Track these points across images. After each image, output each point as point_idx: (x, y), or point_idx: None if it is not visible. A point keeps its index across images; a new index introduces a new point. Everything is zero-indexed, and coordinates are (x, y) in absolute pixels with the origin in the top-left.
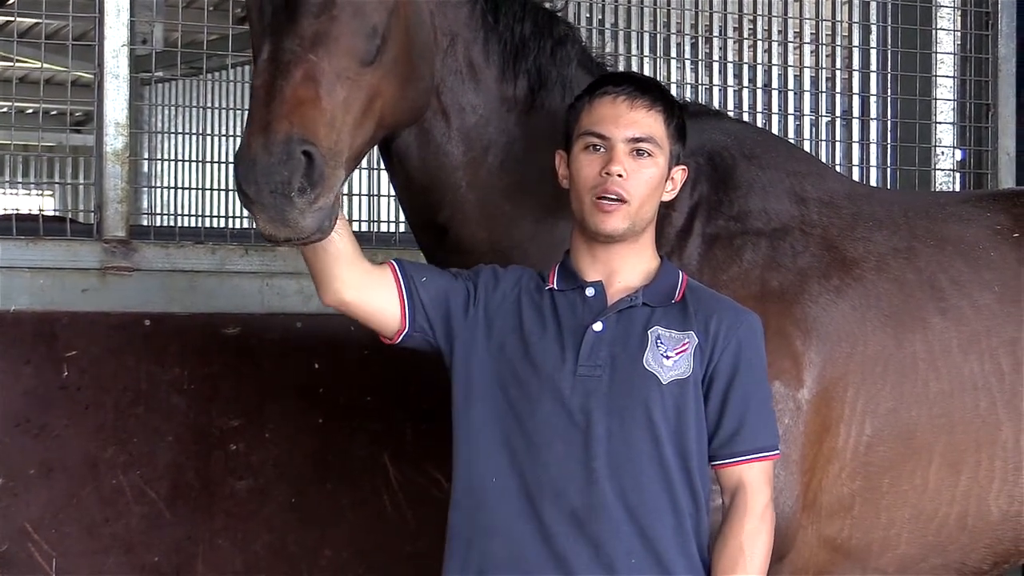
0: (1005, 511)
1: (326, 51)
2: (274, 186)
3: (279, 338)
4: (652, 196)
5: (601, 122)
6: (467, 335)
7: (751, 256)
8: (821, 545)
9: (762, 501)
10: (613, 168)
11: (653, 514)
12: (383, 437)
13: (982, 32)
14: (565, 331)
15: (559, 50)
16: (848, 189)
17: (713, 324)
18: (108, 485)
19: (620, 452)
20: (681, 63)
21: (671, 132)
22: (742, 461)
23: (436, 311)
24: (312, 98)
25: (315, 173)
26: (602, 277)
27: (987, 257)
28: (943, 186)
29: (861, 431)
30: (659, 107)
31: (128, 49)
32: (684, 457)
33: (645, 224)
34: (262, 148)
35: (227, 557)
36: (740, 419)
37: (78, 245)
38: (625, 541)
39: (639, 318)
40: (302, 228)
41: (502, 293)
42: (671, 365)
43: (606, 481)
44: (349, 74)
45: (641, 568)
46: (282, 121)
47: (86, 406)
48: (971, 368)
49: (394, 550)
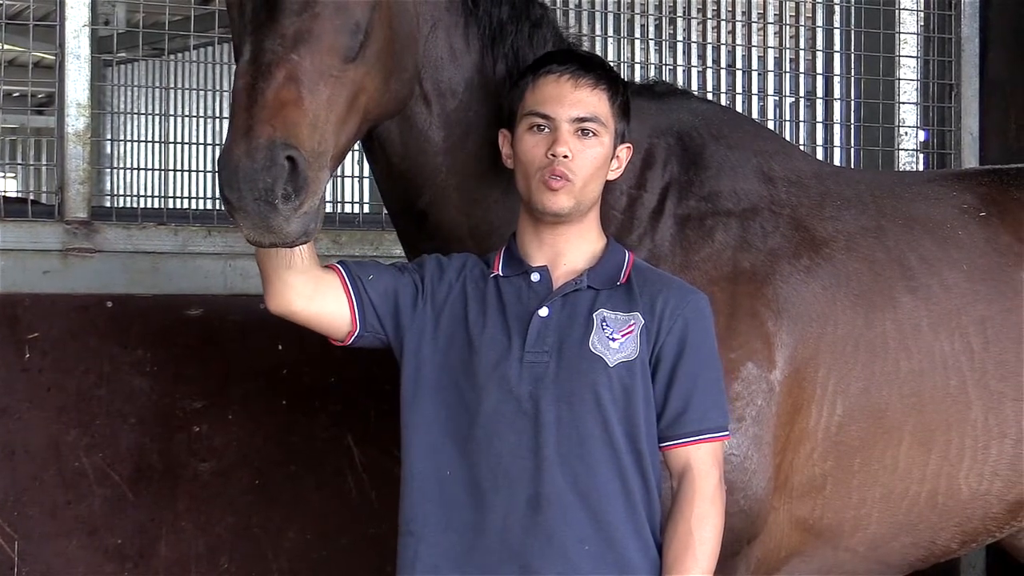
0: (975, 489)
1: (308, 50)
2: (257, 193)
3: (242, 319)
4: (597, 175)
5: (545, 102)
6: (416, 330)
7: (722, 237)
8: (793, 526)
9: (711, 483)
10: (559, 149)
11: (605, 499)
12: (347, 418)
13: (945, 12)
14: (511, 318)
15: (536, 33)
16: (815, 168)
17: (659, 305)
18: (71, 467)
19: (570, 438)
20: (645, 43)
21: (615, 111)
22: (689, 442)
23: (385, 309)
24: (294, 100)
25: (299, 179)
26: (548, 260)
27: (955, 236)
28: (906, 166)
29: (832, 411)
30: (603, 86)
31: (90, 30)
32: (634, 439)
33: (590, 204)
34: (244, 154)
35: (190, 539)
36: (686, 400)
37: (40, 226)
38: (577, 528)
39: (584, 301)
40: (287, 234)
41: (448, 284)
42: (617, 347)
43: (557, 468)
44: (332, 72)
45: (594, 555)
46: (264, 125)
47: (48, 388)
48: (941, 347)
49: (358, 532)
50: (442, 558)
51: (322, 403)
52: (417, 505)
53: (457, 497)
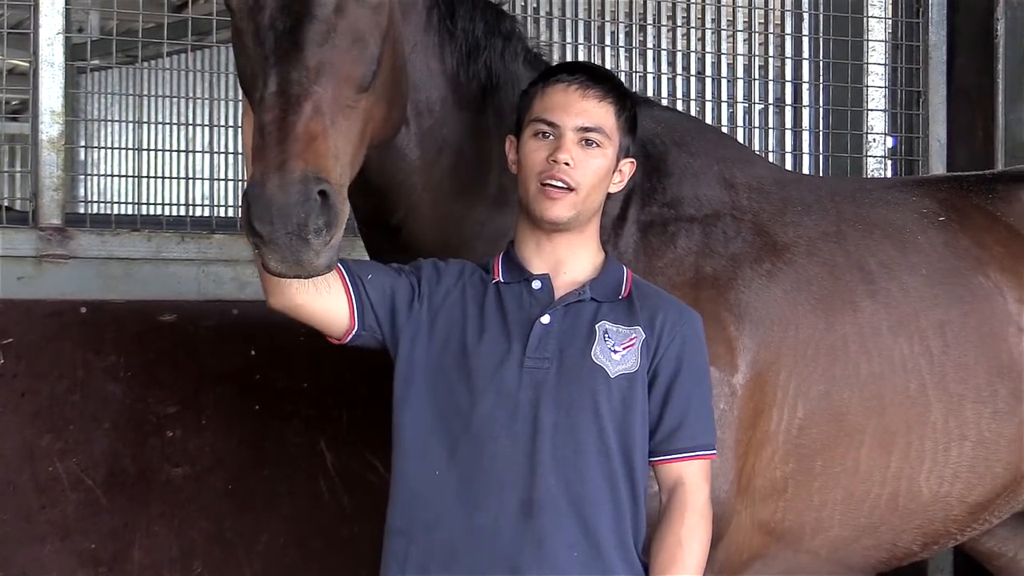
0: (935, 491)
1: (330, 81)
2: (291, 227)
3: (215, 325)
4: (598, 186)
5: (552, 109)
6: (411, 331)
7: (685, 243)
8: (755, 528)
9: (701, 498)
10: (560, 156)
11: (594, 506)
12: (319, 423)
13: (913, 20)
14: (511, 324)
15: (507, 47)
16: (777, 175)
17: (659, 320)
18: (44, 472)
19: (566, 444)
20: (616, 51)
21: (621, 124)
22: (682, 458)
23: (383, 308)
24: (322, 132)
25: (330, 212)
26: (549, 268)
27: (914, 240)
28: (875, 172)
29: (793, 414)
30: (611, 98)
31: (63, 37)
32: (627, 451)
33: (590, 215)
34: (278, 188)
35: (164, 544)
36: (681, 416)
37: (13, 233)
38: (567, 533)
39: (586, 312)
40: (316, 268)
41: (445, 288)
42: (619, 359)
43: (551, 474)
44: (348, 103)
45: (582, 561)
46: (297, 160)
47: (22, 393)
48: (901, 350)
49: (331, 535)
50: (431, 559)
51: (295, 408)
52: (407, 505)
53: (448, 498)
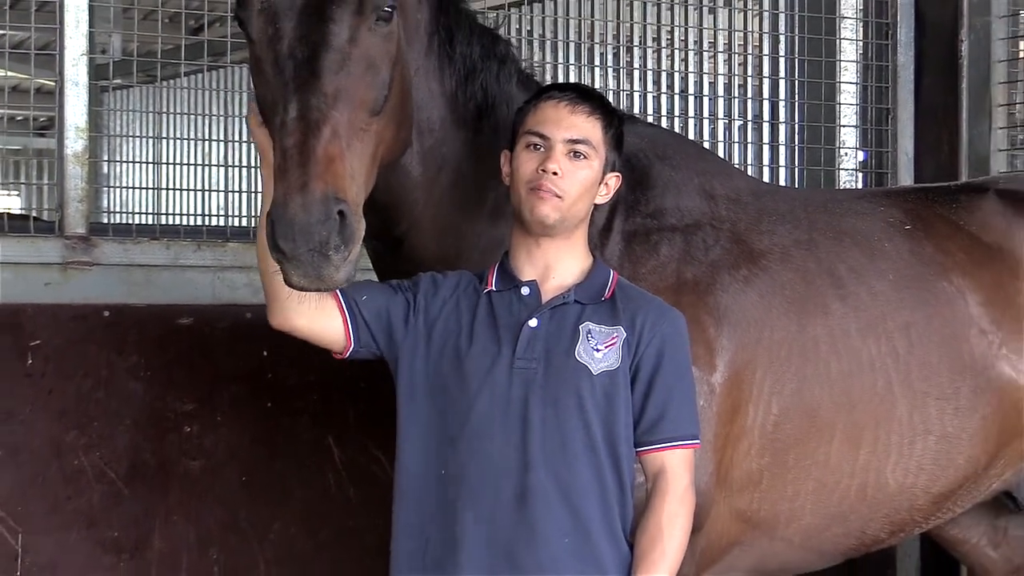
0: (901, 483)
1: (346, 106)
2: (313, 244)
3: (229, 327)
4: (584, 196)
5: (543, 123)
6: (409, 343)
7: (667, 250)
8: (733, 517)
9: (682, 484)
10: (549, 166)
11: (583, 495)
12: (327, 419)
13: (882, 42)
14: (501, 328)
15: (502, 70)
16: (753, 186)
17: (639, 320)
18: (71, 465)
19: (554, 438)
20: (604, 71)
21: (608, 139)
22: (664, 448)
23: (378, 326)
24: (339, 155)
25: (347, 230)
26: (537, 274)
27: (882, 248)
28: (847, 185)
29: (768, 411)
30: (598, 115)
31: (87, 58)
32: (612, 443)
33: (576, 221)
34: (301, 208)
35: (182, 532)
36: (663, 408)
37: (41, 241)
38: (559, 522)
39: (571, 314)
40: (335, 282)
41: (442, 299)
42: (601, 357)
43: (541, 466)
44: (362, 126)
45: (573, 547)
46: (318, 181)
47: (49, 391)
48: (869, 350)
49: (338, 524)
50: (438, 551)
51: (304, 405)
52: (413, 501)
53: (449, 493)
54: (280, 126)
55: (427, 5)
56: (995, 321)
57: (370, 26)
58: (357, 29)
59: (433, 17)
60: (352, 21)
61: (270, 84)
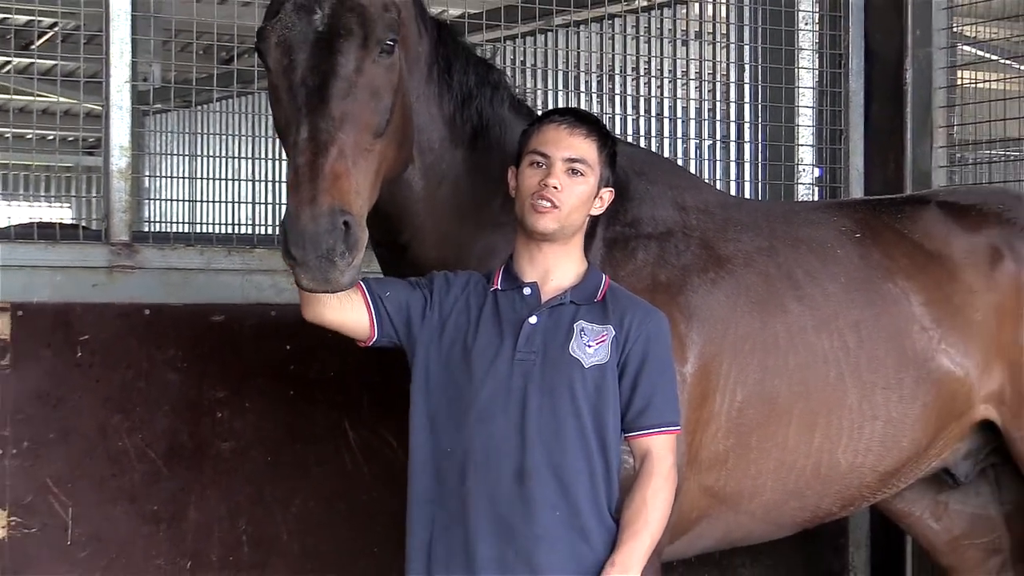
0: (851, 462)
1: (352, 128)
2: (320, 252)
3: (257, 324)
4: (580, 208)
5: (545, 144)
6: (425, 335)
7: (643, 255)
8: (702, 493)
9: (666, 465)
10: (550, 181)
11: (572, 474)
12: (343, 406)
13: (835, 71)
14: (505, 324)
15: (496, 95)
16: (720, 199)
17: (627, 320)
18: (115, 447)
19: (548, 423)
20: (588, 96)
21: (603, 158)
22: (649, 433)
23: (399, 319)
24: (345, 172)
25: (351, 239)
26: (538, 276)
27: (834, 253)
28: (804, 198)
29: (733, 398)
30: (594, 136)
31: (130, 85)
32: (601, 428)
33: (573, 230)
34: (310, 219)
35: (214, 505)
36: (648, 399)
37: (89, 247)
38: (550, 497)
39: (567, 313)
40: (341, 284)
41: (453, 296)
42: (592, 352)
43: (536, 447)
44: (366, 146)
45: (562, 520)
46: (325, 195)
47: (96, 381)
48: (823, 345)
49: (353, 499)
50: (449, 522)
51: (323, 394)
52: (425, 477)
53: (457, 470)
54: (293, 146)
55: (427, 38)
56: (935, 319)
57: (374, 58)
58: (362, 61)
59: (433, 49)
60: (358, 54)
61: (285, 108)
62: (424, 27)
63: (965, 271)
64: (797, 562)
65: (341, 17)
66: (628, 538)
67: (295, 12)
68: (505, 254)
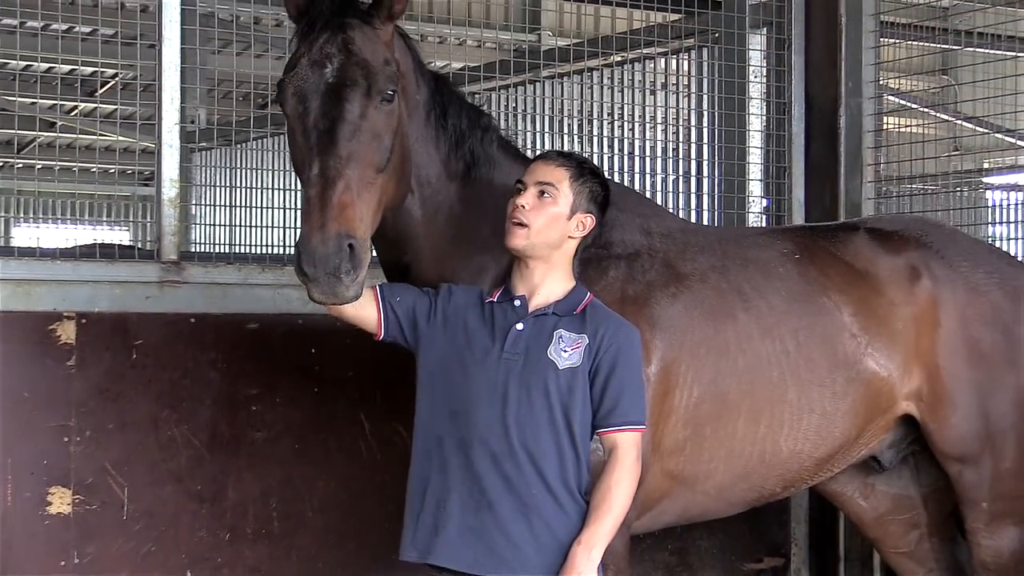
0: (792, 449)
1: (357, 165)
2: (329, 269)
3: (286, 331)
4: (549, 226)
5: (526, 175)
6: (429, 336)
7: (614, 273)
8: (663, 475)
9: (630, 458)
10: (519, 201)
11: (545, 458)
12: (360, 401)
13: (780, 116)
14: (497, 329)
15: (486, 136)
16: (681, 225)
17: (600, 332)
18: (164, 435)
19: (525, 414)
20: (571, 137)
21: (575, 186)
22: (616, 430)
23: (406, 320)
24: (351, 203)
25: (355, 259)
26: (527, 291)
27: (777, 271)
28: (753, 224)
29: (690, 395)
30: (565, 166)
31: (179, 126)
32: (569, 421)
33: (546, 248)
34: (320, 242)
35: (249, 486)
36: (617, 400)
37: (143, 265)
38: (527, 476)
39: (549, 323)
40: (347, 298)
41: (455, 305)
42: (567, 357)
43: (515, 433)
44: (369, 180)
45: (537, 496)
46: (333, 223)
47: (148, 379)
48: (767, 349)
49: (368, 480)
50: (440, 492)
51: (343, 391)
52: (423, 457)
53: (449, 452)
54: (306, 180)
55: (425, 88)
56: (863, 327)
57: (376, 105)
58: (366, 108)
59: (431, 97)
60: (362, 102)
61: (300, 148)
62: (422, 78)
63: (888, 287)
64: (746, 534)
65: (348, 70)
66: (594, 520)
67: (309, 67)
68: (494, 272)
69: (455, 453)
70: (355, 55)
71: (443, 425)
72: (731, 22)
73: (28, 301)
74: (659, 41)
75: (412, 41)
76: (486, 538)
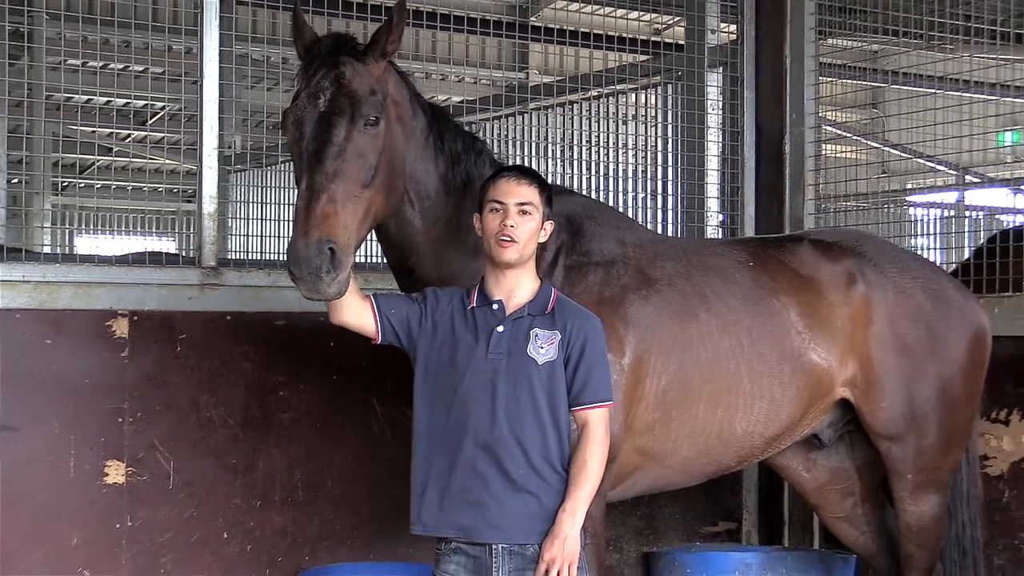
0: (745, 430)
1: (342, 181)
2: (311, 269)
3: (309, 327)
4: (532, 239)
5: (501, 194)
6: (422, 339)
7: (592, 278)
8: (635, 452)
9: (600, 431)
10: (507, 222)
11: (530, 442)
12: (373, 387)
13: (734, 143)
14: (480, 332)
15: (479, 158)
16: (651, 236)
17: (568, 325)
18: (204, 417)
19: (513, 405)
20: (554, 161)
21: (543, 200)
22: (587, 408)
23: (401, 328)
24: (334, 213)
25: (335, 261)
26: (504, 295)
27: (733, 277)
28: (712, 235)
29: (659, 383)
30: (535, 184)
31: (218, 151)
32: (554, 408)
33: (529, 256)
34: (303, 246)
35: (277, 460)
36: (585, 382)
37: (186, 270)
38: (515, 459)
39: (525, 323)
40: (328, 294)
41: (442, 309)
42: (544, 353)
43: (503, 421)
44: (355, 194)
45: (523, 475)
46: (315, 230)
47: (191, 368)
48: (725, 344)
49: (379, 456)
50: (441, 473)
51: (358, 378)
52: (423, 442)
53: (446, 438)
54: (299, 194)
55: (423, 116)
56: (807, 326)
57: (360, 129)
58: (351, 131)
59: (428, 124)
60: (347, 126)
61: (296, 168)
62: (419, 107)
63: (829, 290)
64: (704, 502)
65: (337, 100)
66: (574, 490)
67: (306, 98)
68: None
69: (453, 440)
70: (345, 87)
71: (440, 415)
72: (692, 62)
73: (88, 301)
74: (630, 78)
75: (407, 76)
76: (482, 510)
